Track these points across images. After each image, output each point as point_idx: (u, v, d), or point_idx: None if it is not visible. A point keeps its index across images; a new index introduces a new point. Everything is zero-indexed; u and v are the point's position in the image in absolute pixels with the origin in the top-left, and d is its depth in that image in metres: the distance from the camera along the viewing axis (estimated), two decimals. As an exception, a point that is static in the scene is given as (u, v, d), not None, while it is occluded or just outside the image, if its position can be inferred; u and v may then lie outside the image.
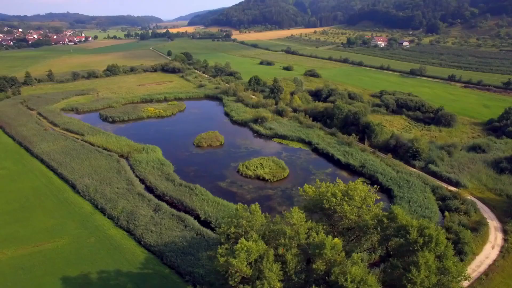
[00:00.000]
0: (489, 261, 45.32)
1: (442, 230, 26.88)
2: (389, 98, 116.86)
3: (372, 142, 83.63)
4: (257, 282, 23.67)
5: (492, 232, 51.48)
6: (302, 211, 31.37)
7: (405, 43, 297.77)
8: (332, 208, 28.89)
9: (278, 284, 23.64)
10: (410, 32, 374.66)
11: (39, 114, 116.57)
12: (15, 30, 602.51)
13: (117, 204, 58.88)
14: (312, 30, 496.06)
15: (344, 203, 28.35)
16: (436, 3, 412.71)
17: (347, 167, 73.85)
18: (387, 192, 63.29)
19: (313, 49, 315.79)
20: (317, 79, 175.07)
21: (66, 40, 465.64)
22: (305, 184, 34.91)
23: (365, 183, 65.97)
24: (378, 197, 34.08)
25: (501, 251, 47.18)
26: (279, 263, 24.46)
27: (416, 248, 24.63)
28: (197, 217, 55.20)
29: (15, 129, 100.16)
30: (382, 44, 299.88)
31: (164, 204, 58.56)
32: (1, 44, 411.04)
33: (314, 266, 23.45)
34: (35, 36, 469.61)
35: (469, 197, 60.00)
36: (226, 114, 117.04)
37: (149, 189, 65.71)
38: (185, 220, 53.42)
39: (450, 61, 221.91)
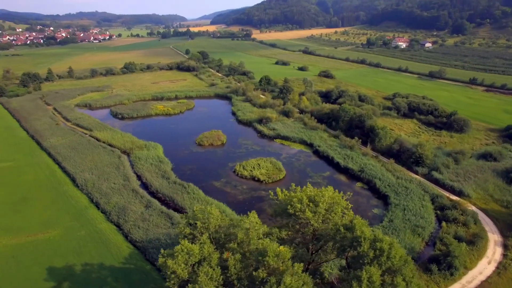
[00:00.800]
0: (482, 277, 42.64)
1: (397, 244, 25.13)
2: (400, 101, 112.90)
3: (376, 146, 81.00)
4: (189, 285, 23.28)
5: (491, 246, 48.45)
6: (274, 215, 30.57)
7: (428, 44, 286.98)
8: (296, 214, 27.98)
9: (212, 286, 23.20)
10: (434, 33, 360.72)
11: (55, 109, 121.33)
12: (46, 29, 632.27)
13: (111, 199, 60.16)
14: (333, 30, 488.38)
15: (307, 210, 27.35)
16: (464, 2, 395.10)
17: (346, 171, 71.92)
18: (384, 199, 61.08)
19: (332, 49, 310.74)
20: (330, 80, 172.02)
21: (92, 38, 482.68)
22: (277, 187, 34.06)
23: (363, 188, 65.31)
24: (351, 205, 32.68)
25: (497, 267, 44.30)
26: (219, 268, 23.93)
27: (366, 261, 23.27)
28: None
29: (30, 122, 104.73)
30: (403, 45, 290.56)
31: (155, 201, 59.27)
32: (32, 42, 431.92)
33: (255, 273, 22.73)
34: (63, 34, 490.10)
35: (471, 208, 56.77)
36: (233, 114, 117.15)
37: (145, 185, 66.76)
38: (172, 217, 53.79)
39: (474, 63, 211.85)
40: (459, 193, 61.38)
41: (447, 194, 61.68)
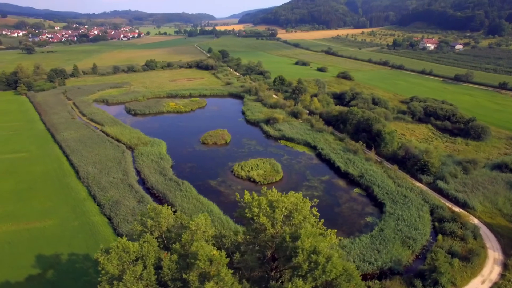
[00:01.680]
0: (472, 297, 39.71)
1: (337, 259, 23.39)
2: (416, 105, 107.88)
3: (382, 151, 77.86)
4: (115, 282, 23.27)
5: (488, 264, 44.97)
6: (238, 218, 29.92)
7: (458, 46, 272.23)
8: (254, 218, 27.24)
9: (140, 285, 23.00)
10: (467, 34, 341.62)
11: (74, 104, 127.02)
12: (81, 27, 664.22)
13: (108, 193, 61.96)
14: (359, 30, 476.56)
15: (261, 215, 26.50)
16: (504, 1, 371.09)
17: (346, 176, 69.65)
18: (380, 207, 58.49)
19: (356, 50, 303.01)
20: (348, 81, 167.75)
21: (121, 35, 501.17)
22: (245, 190, 33.36)
23: (360, 194, 62.89)
24: (318, 213, 31.34)
25: (491, 288, 41.04)
26: (153, 268, 23.72)
27: (300, 273, 21.98)
28: (175, 212, 55.97)
29: (49, 116, 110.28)
30: (431, 46, 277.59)
31: (148, 197, 60.42)
32: (67, 39, 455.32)
33: (185, 275, 22.30)
34: (95, 32, 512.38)
35: (474, 221, 53.11)
36: (243, 113, 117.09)
37: (142, 181, 68.17)
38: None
39: (509, 66, 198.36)
40: (463, 205, 57.59)
41: (450, 205, 58.05)
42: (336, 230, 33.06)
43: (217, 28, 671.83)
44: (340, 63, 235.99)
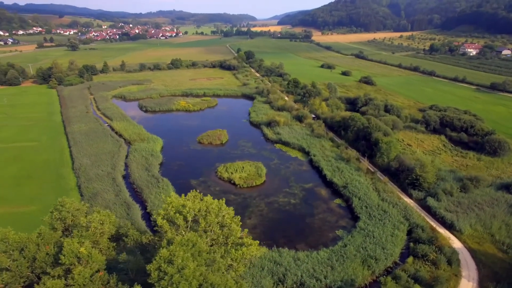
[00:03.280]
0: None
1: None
2: (432, 115, 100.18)
3: (377, 161, 73.32)
4: None
5: (457, 295, 40.38)
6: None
7: (506, 52, 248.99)
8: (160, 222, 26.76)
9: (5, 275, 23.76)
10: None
11: (94, 98, 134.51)
12: (125, 26, 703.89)
13: (91, 184, 64.63)
14: (398, 34, 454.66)
15: (159, 218, 25.81)
16: None
17: (330, 185, 66.43)
18: (356, 220, 54.92)
19: (388, 54, 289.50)
20: (369, 86, 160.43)
21: (160, 34, 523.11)
22: (172, 192, 32.88)
23: (340, 206, 59.56)
24: (238, 222, 29.94)
25: (451, 321, 36.77)
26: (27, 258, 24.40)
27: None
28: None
29: (67, 109, 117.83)
30: (472, 52, 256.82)
31: (126, 191, 62.05)
32: (110, 37, 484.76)
33: (49, 269, 22.42)
34: (136, 31, 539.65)
35: (457, 245, 48.07)
36: (249, 114, 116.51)
37: (129, 176, 70.23)
38: (131, 208, 55.68)
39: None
40: (450, 226, 52.35)
41: (435, 225, 53.08)
42: (258, 242, 31.55)
43: (254, 29, 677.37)
44: (368, 67, 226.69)
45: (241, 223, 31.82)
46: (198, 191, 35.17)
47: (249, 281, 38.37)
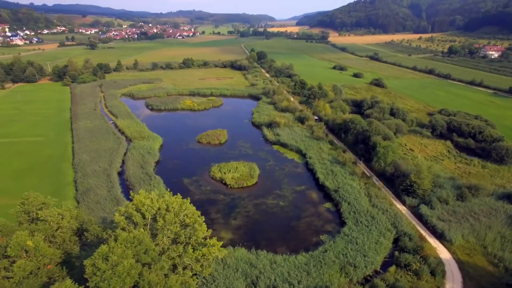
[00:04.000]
0: None
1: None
2: (439, 119, 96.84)
3: (373, 165, 71.54)
4: None
5: (437, 307, 38.77)
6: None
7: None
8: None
9: None
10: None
11: (103, 96, 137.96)
12: (144, 25, 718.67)
13: (86, 180, 66.27)
14: (417, 36, 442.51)
15: (117, 214, 26.09)
16: None
17: (322, 188, 65.34)
18: (343, 225, 53.74)
19: (405, 56, 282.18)
20: (380, 89, 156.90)
21: (178, 34, 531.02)
22: (141, 190, 33.11)
23: (329, 210, 58.46)
24: (190, 221, 29.81)
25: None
26: None
27: None
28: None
29: (77, 106, 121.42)
30: (494, 54, 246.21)
31: (118, 187, 63.23)
32: (128, 36, 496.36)
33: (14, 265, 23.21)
34: (154, 30, 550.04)
35: (444, 256, 46.20)
36: (252, 115, 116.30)
37: (124, 172, 71.54)
38: (120, 204, 56.57)
39: None
40: (440, 236, 50.37)
41: (425, 234, 51.25)
42: (222, 243, 31.37)
43: (271, 29, 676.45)
44: (381, 69, 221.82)
45: (205, 223, 31.64)
46: (169, 190, 35.30)
47: (221, 282, 38.19)
